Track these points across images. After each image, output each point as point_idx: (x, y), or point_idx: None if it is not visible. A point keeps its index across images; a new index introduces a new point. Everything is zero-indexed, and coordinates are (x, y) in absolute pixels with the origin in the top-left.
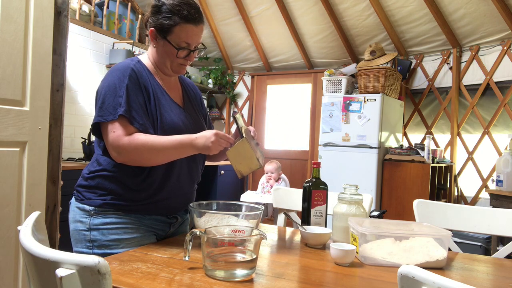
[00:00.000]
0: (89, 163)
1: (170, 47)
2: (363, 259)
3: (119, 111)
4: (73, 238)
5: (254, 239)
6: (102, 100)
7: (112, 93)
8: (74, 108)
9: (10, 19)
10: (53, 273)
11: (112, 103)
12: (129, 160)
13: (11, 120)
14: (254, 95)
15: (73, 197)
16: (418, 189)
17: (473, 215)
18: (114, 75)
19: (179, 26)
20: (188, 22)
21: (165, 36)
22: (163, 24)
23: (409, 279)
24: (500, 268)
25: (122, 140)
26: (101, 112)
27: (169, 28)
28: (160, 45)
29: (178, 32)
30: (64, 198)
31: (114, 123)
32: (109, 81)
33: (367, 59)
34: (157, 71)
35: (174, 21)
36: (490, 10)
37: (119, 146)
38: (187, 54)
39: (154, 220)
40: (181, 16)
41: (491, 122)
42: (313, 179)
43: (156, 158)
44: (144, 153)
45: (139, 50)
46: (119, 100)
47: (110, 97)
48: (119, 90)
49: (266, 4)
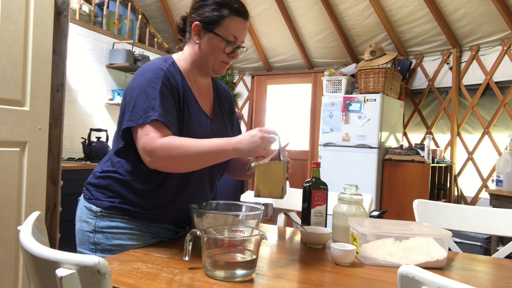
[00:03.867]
0: (102, 161)
1: (218, 40)
2: (363, 259)
3: (152, 115)
4: (77, 238)
5: (254, 239)
6: (134, 104)
7: (144, 95)
8: (74, 108)
9: (10, 19)
10: (53, 273)
11: (144, 106)
12: (162, 165)
13: (11, 120)
14: (254, 95)
15: (82, 195)
16: (418, 189)
17: (473, 215)
18: (147, 76)
19: (229, 18)
20: (238, 15)
21: (212, 29)
22: (211, 16)
23: (409, 279)
24: (500, 268)
25: (156, 142)
26: (132, 116)
27: (217, 19)
28: (205, 40)
29: (228, 24)
30: (64, 198)
31: (147, 127)
32: (141, 82)
33: (367, 59)
34: (191, 74)
35: (223, 13)
36: (490, 10)
37: (152, 149)
38: (233, 49)
39: (161, 228)
40: (231, 8)
41: (491, 122)
42: (313, 179)
43: (191, 162)
44: (178, 157)
45: (139, 50)
46: (152, 103)
47: (142, 100)
48: (152, 93)
49: (266, 4)
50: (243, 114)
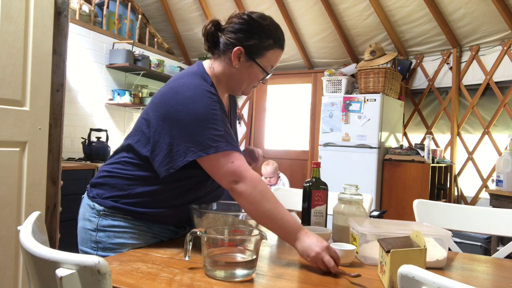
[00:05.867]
0: (110, 161)
1: (258, 70)
2: (363, 259)
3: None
4: (79, 236)
5: (254, 239)
6: (195, 131)
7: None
8: (74, 108)
9: (10, 19)
10: (53, 273)
11: (211, 134)
12: (243, 194)
13: (11, 120)
14: (254, 95)
15: (86, 193)
16: (418, 189)
17: (473, 215)
18: (203, 102)
19: (273, 50)
20: (280, 48)
21: (254, 58)
22: (256, 45)
23: (409, 279)
24: (500, 268)
25: (249, 172)
26: (199, 147)
27: (262, 50)
28: (244, 66)
29: (270, 56)
30: (64, 198)
31: (222, 155)
32: (197, 109)
33: (367, 59)
34: (220, 90)
35: (269, 44)
36: (490, 10)
37: (244, 176)
38: (266, 77)
39: (162, 228)
40: (276, 40)
41: (491, 122)
42: (313, 179)
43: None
44: (263, 202)
45: (139, 50)
46: (219, 132)
47: (204, 128)
48: (215, 118)
49: (266, 4)
50: (243, 114)
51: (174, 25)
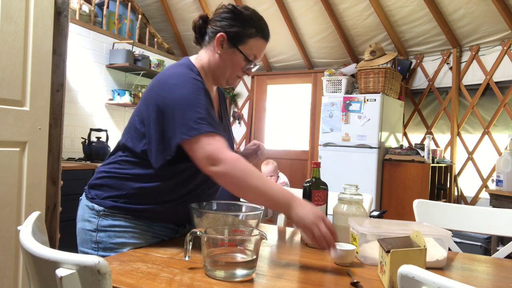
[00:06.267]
0: (106, 161)
1: (240, 57)
2: (363, 259)
3: (205, 127)
4: (79, 237)
5: (254, 239)
6: (181, 115)
7: (192, 107)
8: (74, 108)
9: (10, 19)
10: (53, 273)
11: (194, 117)
12: (224, 175)
13: (11, 120)
14: (254, 95)
15: (84, 194)
16: (418, 189)
17: (473, 215)
18: (187, 88)
19: (255, 39)
20: (263, 38)
21: (237, 45)
22: (238, 32)
23: (409, 279)
24: (500, 268)
25: (225, 153)
26: (182, 129)
27: (244, 38)
28: (227, 53)
29: (252, 44)
30: (64, 198)
31: (204, 137)
32: (182, 94)
33: (367, 59)
34: (207, 81)
35: (251, 32)
36: (490, 10)
37: (221, 158)
38: (250, 67)
39: (162, 226)
40: (258, 29)
41: (491, 122)
42: (313, 179)
43: (248, 192)
44: (246, 178)
45: (139, 50)
46: (202, 114)
47: (189, 111)
48: (200, 104)
49: (266, 4)
50: (243, 114)
51: (174, 25)
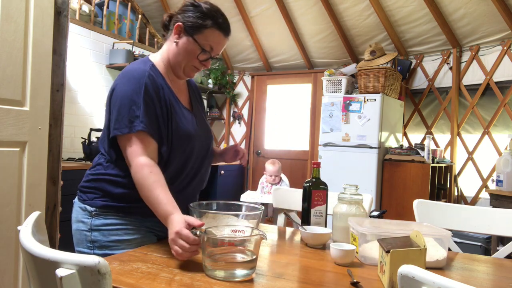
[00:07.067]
0: (94, 163)
1: (194, 45)
2: (363, 259)
3: (137, 125)
4: (75, 238)
5: (254, 239)
6: (118, 111)
7: (129, 104)
8: (74, 108)
9: (10, 19)
10: (53, 273)
11: (129, 115)
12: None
13: (11, 120)
14: (254, 95)
15: (76, 197)
16: (418, 189)
17: (473, 215)
18: (131, 84)
19: (211, 29)
20: (220, 30)
21: (192, 34)
22: (194, 22)
23: (409, 279)
24: (500, 268)
25: (136, 158)
26: (117, 125)
27: (199, 27)
28: (183, 42)
29: (208, 35)
30: (64, 198)
31: (132, 137)
32: (125, 91)
33: (367, 59)
34: (169, 73)
35: (207, 23)
36: (490, 10)
37: (131, 162)
38: (206, 58)
39: (154, 222)
40: (215, 21)
41: (491, 122)
42: (313, 179)
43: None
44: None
45: (139, 50)
46: (136, 113)
47: (126, 109)
48: (137, 102)
49: (266, 4)
50: (243, 114)
51: None
